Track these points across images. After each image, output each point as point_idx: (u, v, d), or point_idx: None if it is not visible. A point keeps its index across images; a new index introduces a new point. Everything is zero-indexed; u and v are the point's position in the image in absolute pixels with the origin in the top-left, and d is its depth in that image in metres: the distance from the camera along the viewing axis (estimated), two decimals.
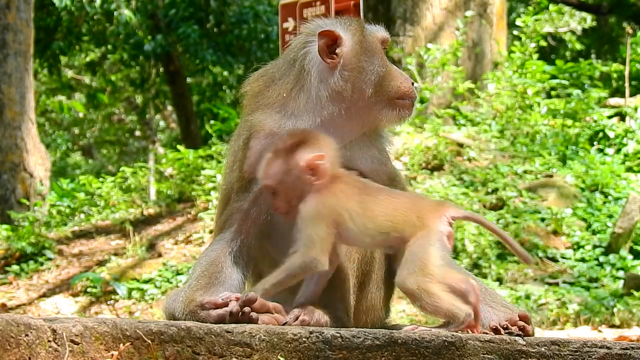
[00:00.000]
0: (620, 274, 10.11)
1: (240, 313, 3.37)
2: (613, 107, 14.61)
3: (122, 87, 27.44)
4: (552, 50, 26.11)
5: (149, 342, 2.99)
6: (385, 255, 3.80)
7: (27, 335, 2.86)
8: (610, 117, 13.95)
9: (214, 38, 20.88)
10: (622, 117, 14.18)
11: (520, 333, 3.40)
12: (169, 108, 29.47)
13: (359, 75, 3.78)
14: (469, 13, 15.53)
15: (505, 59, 15.36)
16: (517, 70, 14.56)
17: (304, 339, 3.13)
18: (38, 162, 15.10)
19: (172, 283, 10.84)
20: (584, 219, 11.29)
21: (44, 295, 11.18)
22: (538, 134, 13.54)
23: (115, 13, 20.01)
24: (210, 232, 11.44)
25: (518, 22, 15.68)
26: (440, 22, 15.63)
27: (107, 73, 25.66)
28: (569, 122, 13.81)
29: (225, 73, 23.14)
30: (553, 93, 15.03)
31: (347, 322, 3.66)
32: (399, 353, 3.17)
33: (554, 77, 15.13)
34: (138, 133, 33.83)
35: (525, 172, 12.37)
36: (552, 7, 20.78)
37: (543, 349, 3.29)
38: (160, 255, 11.77)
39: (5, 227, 13.33)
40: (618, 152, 13.14)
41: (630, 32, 16.82)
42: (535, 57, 14.93)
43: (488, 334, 3.36)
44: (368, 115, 3.82)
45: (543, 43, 15.76)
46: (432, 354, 3.18)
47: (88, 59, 24.89)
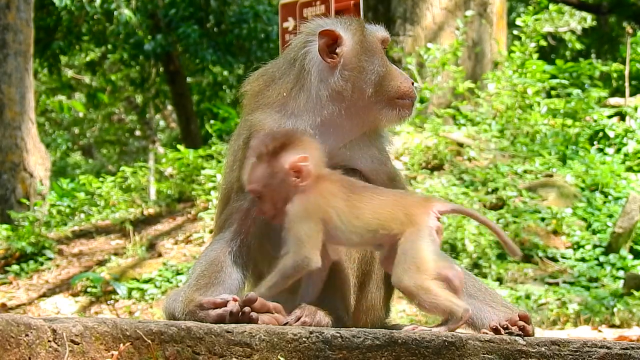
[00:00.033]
0: (620, 274, 10.11)
1: (241, 313, 3.37)
2: (613, 106, 14.62)
3: (122, 86, 27.44)
4: (552, 50, 26.12)
5: (149, 342, 2.99)
6: None
7: (27, 335, 2.86)
8: (610, 116, 13.95)
9: (214, 38, 20.88)
10: (622, 116, 14.18)
11: (520, 333, 3.40)
12: (169, 108, 29.47)
13: (359, 75, 3.78)
14: (469, 13, 15.53)
15: (505, 59, 15.36)
16: (517, 70, 14.56)
17: (304, 339, 3.13)
18: (38, 162, 15.10)
19: (172, 283, 10.84)
20: (584, 219, 11.29)
21: (44, 295, 11.18)
22: (538, 134, 13.54)
23: (115, 13, 20.01)
24: (210, 231, 11.44)
25: (518, 21, 15.68)
26: (440, 21, 15.63)
27: (107, 73, 25.66)
28: (569, 121, 13.81)
29: (225, 73, 23.14)
30: (553, 93, 15.03)
31: (347, 321, 3.67)
32: (399, 353, 3.17)
33: (554, 76, 15.14)
34: (138, 133, 33.84)
35: (525, 171, 12.38)
36: (552, 6, 20.79)
37: (543, 349, 3.29)
38: (160, 255, 11.77)
39: (5, 227, 13.33)
40: (618, 151, 13.14)
41: (630, 31, 16.82)
42: (535, 56, 14.93)
43: (488, 334, 3.36)
44: (368, 115, 3.82)
45: (543, 43, 15.77)
46: (432, 354, 3.18)
47: (88, 59, 24.90)
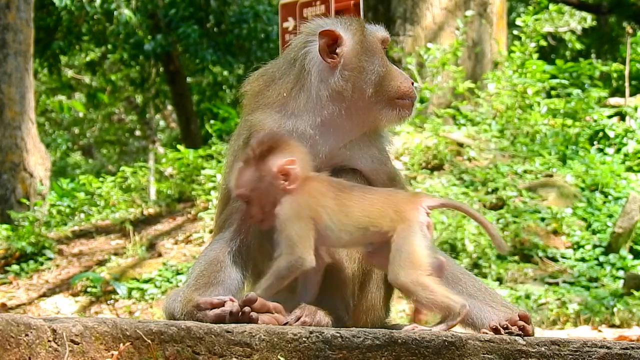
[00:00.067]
0: (620, 274, 10.11)
1: (241, 313, 3.37)
2: (613, 106, 14.62)
3: (122, 86, 27.44)
4: (552, 50, 26.11)
5: (149, 342, 2.99)
6: None
7: (27, 335, 2.86)
8: (610, 116, 13.95)
9: (214, 38, 20.88)
10: (622, 116, 14.18)
11: (520, 333, 3.40)
12: (169, 108, 29.47)
13: (360, 75, 3.78)
14: (469, 13, 15.53)
15: (505, 59, 15.36)
16: (517, 70, 14.56)
17: (304, 339, 3.13)
18: (38, 162, 15.10)
19: (172, 283, 10.84)
20: (584, 219, 11.29)
21: (44, 295, 11.18)
22: (538, 134, 13.54)
23: (115, 13, 20.01)
24: (210, 231, 11.44)
25: (518, 21, 15.68)
26: (440, 21, 15.63)
27: (107, 73, 25.66)
28: (569, 121, 13.81)
29: (225, 73, 23.14)
30: (553, 93, 15.03)
31: (347, 321, 3.67)
32: (399, 353, 3.17)
33: (554, 76, 15.14)
34: (138, 133, 33.84)
35: (525, 171, 12.38)
36: (552, 6, 20.79)
37: (543, 349, 3.29)
38: (160, 255, 11.77)
39: (5, 227, 13.33)
40: (618, 151, 13.14)
41: (630, 31, 16.81)
42: (535, 56, 14.93)
43: (488, 334, 3.36)
44: (368, 115, 3.82)
45: (543, 43, 15.76)
46: (432, 354, 3.18)
47: (88, 59, 24.90)
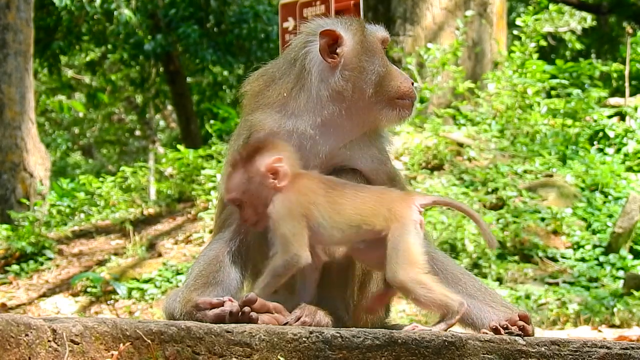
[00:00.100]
0: (620, 274, 10.11)
1: (240, 313, 3.37)
2: (613, 106, 14.62)
3: (122, 86, 27.43)
4: (552, 50, 26.11)
5: (149, 342, 2.99)
6: None
7: (27, 335, 2.86)
8: (610, 116, 13.95)
9: (214, 38, 20.88)
10: (622, 116, 14.18)
11: (520, 333, 3.40)
12: (169, 108, 29.46)
13: (360, 75, 3.78)
14: (469, 13, 15.53)
15: (505, 59, 15.36)
16: (517, 70, 14.56)
17: (304, 339, 3.13)
18: (38, 162, 15.10)
19: (172, 283, 10.84)
20: (584, 219, 11.29)
21: (44, 295, 11.17)
22: (538, 134, 13.54)
23: (115, 13, 20.01)
24: (210, 231, 11.43)
25: (518, 21, 15.68)
26: (440, 21, 15.63)
27: (107, 73, 25.65)
28: (569, 121, 13.81)
29: (225, 73, 23.14)
30: (553, 93, 15.03)
31: (347, 321, 3.67)
32: (399, 353, 3.17)
33: (554, 76, 15.13)
34: (138, 133, 33.83)
35: (525, 171, 12.38)
36: (552, 6, 20.79)
37: (543, 349, 3.29)
38: (160, 255, 11.77)
39: (5, 227, 13.33)
40: (618, 151, 13.14)
41: (630, 31, 16.81)
42: (535, 56, 14.93)
43: (488, 334, 3.36)
44: (368, 115, 3.82)
45: (543, 43, 15.76)
46: (432, 354, 3.18)
47: (88, 59, 24.89)
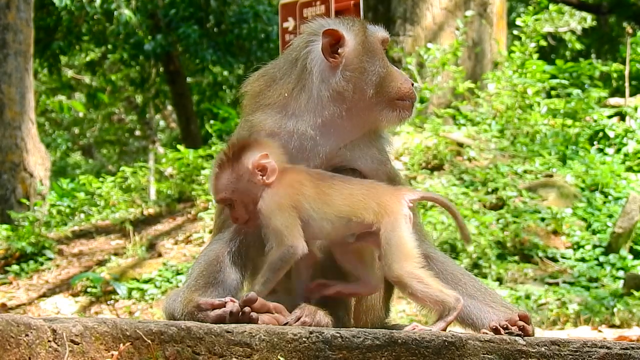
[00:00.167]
0: (620, 274, 10.11)
1: (241, 313, 3.37)
2: (613, 106, 14.62)
3: (122, 86, 27.43)
4: (552, 50, 26.11)
5: (149, 342, 2.99)
6: None
7: (27, 335, 2.86)
8: (610, 116, 13.95)
9: (214, 38, 20.88)
10: (622, 116, 14.18)
11: (520, 333, 3.40)
12: (169, 108, 29.45)
13: (361, 76, 3.78)
14: (469, 13, 15.53)
15: (505, 59, 15.36)
16: (517, 70, 14.56)
17: (304, 339, 3.13)
18: (38, 162, 15.10)
19: (172, 283, 10.84)
20: (584, 219, 11.29)
21: (44, 295, 11.18)
22: (538, 134, 13.54)
23: (115, 13, 20.01)
24: (210, 232, 11.43)
25: (518, 21, 15.68)
26: (440, 21, 15.63)
27: (107, 73, 25.64)
28: (569, 122, 13.81)
29: (225, 73, 23.14)
30: (553, 93, 15.03)
31: (347, 322, 3.67)
32: (399, 353, 3.17)
33: (554, 76, 15.13)
34: (138, 133, 33.82)
35: (525, 172, 12.38)
36: (552, 6, 20.78)
37: (543, 349, 3.29)
38: (160, 255, 11.77)
39: (5, 227, 13.33)
40: (618, 151, 13.14)
41: (630, 32, 16.81)
42: (535, 56, 14.93)
43: (488, 334, 3.36)
44: (368, 116, 3.82)
45: (543, 43, 15.76)
46: (432, 354, 3.18)
47: (88, 59, 24.89)
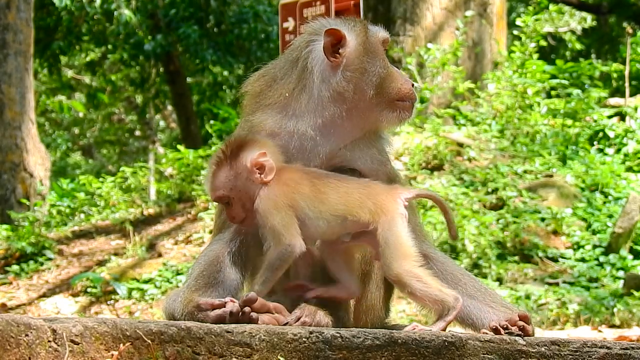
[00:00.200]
0: (620, 274, 10.11)
1: (241, 313, 3.37)
2: (613, 107, 14.62)
3: (122, 87, 27.43)
4: (552, 50, 26.11)
5: (149, 342, 2.99)
6: None
7: (27, 335, 2.86)
8: (610, 117, 13.95)
9: (214, 38, 20.88)
10: (622, 117, 14.18)
11: (520, 333, 3.40)
12: (169, 108, 29.46)
13: (361, 77, 3.78)
14: (469, 13, 15.53)
15: (505, 59, 15.36)
16: (517, 70, 14.56)
17: (304, 339, 3.13)
18: (38, 162, 15.10)
19: (172, 283, 10.84)
20: (584, 219, 11.29)
21: (44, 295, 11.18)
22: (538, 134, 13.54)
23: (115, 13, 20.01)
24: (210, 232, 11.43)
25: (518, 22, 15.68)
26: (440, 22, 15.63)
27: (107, 73, 25.65)
28: (569, 122, 13.81)
29: (225, 73, 23.14)
30: (553, 93, 15.03)
31: (347, 322, 3.67)
32: (399, 353, 3.17)
33: (554, 77, 15.13)
34: (138, 133, 33.83)
35: (525, 172, 12.38)
36: (552, 6, 20.78)
37: (543, 349, 3.29)
38: (160, 255, 11.77)
39: (5, 227, 13.33)
40: (618, 152, 13.14)
41: (630, 32, 16.81)
42: (535, 57, 14.93)
43: (488, 334, 3.36)
44: (369, 117, 3.82)
45: (543, 43, 15.76)
46: (432, 354, 3.18)
47: (88, 59, 24.89)
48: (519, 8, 26.59)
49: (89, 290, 11.00)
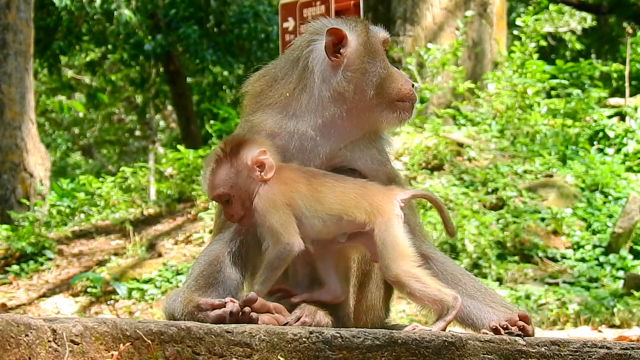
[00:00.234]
0: (620, 274, 10.11)
1: (241, 313, 3.37)
2: (613, 107, 14.62)
3: (122, 87, 27.43)
4: (552, 50, 26.11)
5: (149, 342, 2.99)
6: None
7: (27, 335, 2.86)
8: (610, 117, 13.95)
9: (214, 38, 20.88)
10: (622, 117, 14.18)
11: (520, 333, 3.40)
12: (169, 108, 29.46)
13: (362, 77, 3.78)
14: (469, 13, 15.53)
15: (505, 59, 15.36)
16: (517, 70, 14.56)
17: (304, 339, 3.13)
18: (38, 162, 15.10)
19: (172, 283, 10.84)
20: (584, 219, 11.29)
21: (44, 295, 11.18)
22: (538, 134, 13.54)
23: (115, 13, 20.01)
24: (210, 232, 11.43)
25: (518, 21, 15.68)
26: (440, 22, 15.63)
27: (107, 73, 25.65)
28: (569, 122, 13.81)
29: (225, 73, 23.14)
30: (553, 93, 15.03)
31: (347, 322, 3.67)
32: (399, 353, 3.17)
33: (554, 77, 15.13)
34: (138, 133, 33.83)
35: (525, 172, 12.38)
36: (552, 6, 20.78)
37: (543, 349, 3.29)
38: (160, 255, 11.77)
39: (5, 227, 13.33)
40: (618, 152, 13.14)
41: (630, 32, 16.81)
42: (535, 56, 14.93)
43: (488, 334, 3.36)
44: (369, 117, 3.82)
45: (543, 43, 15.76)
46: (432, 354, 3.18)
47: (88, 59, 24.89)
48: (519, 8, 26.59)
49: (89, 290, 11.00)
